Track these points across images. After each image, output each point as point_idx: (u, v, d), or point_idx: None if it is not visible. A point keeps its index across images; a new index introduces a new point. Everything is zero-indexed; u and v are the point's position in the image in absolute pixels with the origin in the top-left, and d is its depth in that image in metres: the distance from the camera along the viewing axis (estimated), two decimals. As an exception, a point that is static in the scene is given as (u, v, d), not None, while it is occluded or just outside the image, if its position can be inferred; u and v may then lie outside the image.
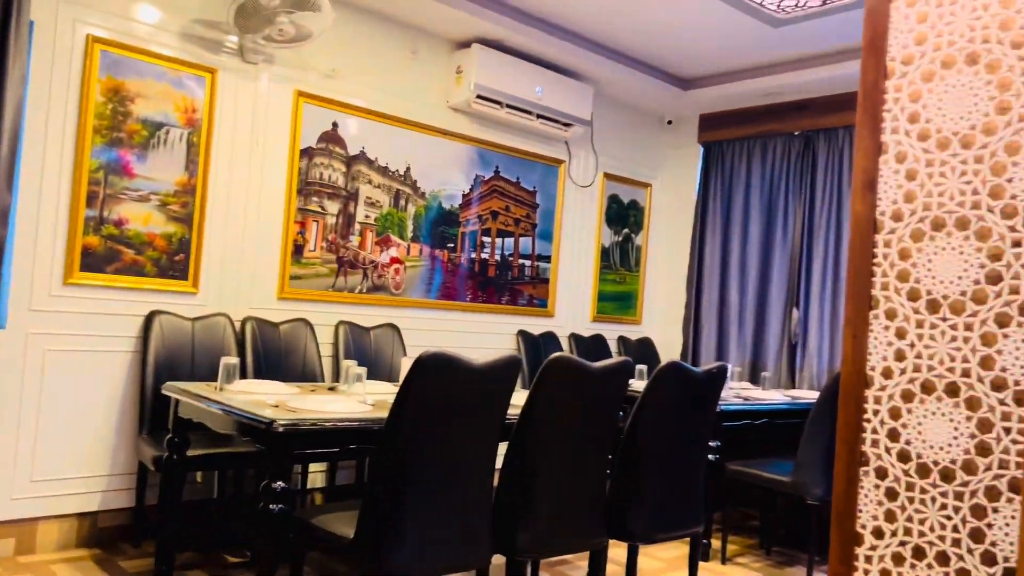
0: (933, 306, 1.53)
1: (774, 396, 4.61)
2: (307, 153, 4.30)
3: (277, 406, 2.74)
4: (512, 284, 5.37)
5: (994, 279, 1.46)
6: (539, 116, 5.17)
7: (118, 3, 3.64)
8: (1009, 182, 1.45)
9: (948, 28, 1.55)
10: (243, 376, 3.79)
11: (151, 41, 3.74)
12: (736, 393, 4.55)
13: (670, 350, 6.19)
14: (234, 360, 3.10)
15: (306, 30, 3.86)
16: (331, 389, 3.39)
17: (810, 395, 4.77)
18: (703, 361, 5.96)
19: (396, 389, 2.49)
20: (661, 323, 6.34)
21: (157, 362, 3.67)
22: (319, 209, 4.36)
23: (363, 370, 3.21)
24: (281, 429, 2.49)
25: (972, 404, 1.47)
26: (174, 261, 3.84)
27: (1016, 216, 1.44)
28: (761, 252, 5.77)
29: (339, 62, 4.41)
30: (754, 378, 5.59)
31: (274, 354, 4.04)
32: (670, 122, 6.34)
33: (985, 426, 1.46)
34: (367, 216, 4.58)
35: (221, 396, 2.87)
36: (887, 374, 1.59)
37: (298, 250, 4.28)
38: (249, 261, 4.10)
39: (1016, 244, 1.44)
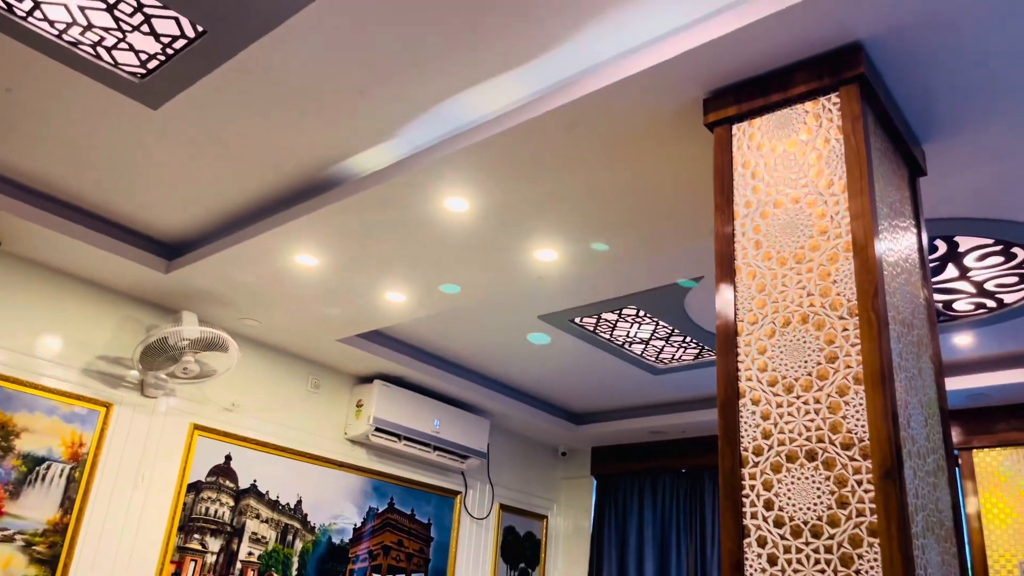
0: None
1: None
2: (195, 487, 4.18)
3: None
4: (401, 627, 5.04)
5: (858, 671, 1.53)
6: (436, 448, 5.26)
7: (20, 338, 3.69)
8: (857, 573, 1.58)
9: (788, 427, 1.78)
10: None
11: (48, 376, 3.74)
12: None
13: None
14: None
15: (211, 368, 3.97)
16: None
17: None
18: None
19: None
20: (560, 668, 5.96)
21: None
22: (199, 547, 4.14)
23: None
24: None
25: None
26: (26, 610, 3.49)
27: (868, 607, 1.55)
28: (657, 591, 5.69)
29: (240, 395, 4.48)
30: None
31: None
32: (564, 453, 6.54)
33: None
34: (250, 554, 4.35)
35: None
36: None
37: (170, 593, 3.97)
38: (112, 608, 3.75)
39: (872, 635, 1.53)
